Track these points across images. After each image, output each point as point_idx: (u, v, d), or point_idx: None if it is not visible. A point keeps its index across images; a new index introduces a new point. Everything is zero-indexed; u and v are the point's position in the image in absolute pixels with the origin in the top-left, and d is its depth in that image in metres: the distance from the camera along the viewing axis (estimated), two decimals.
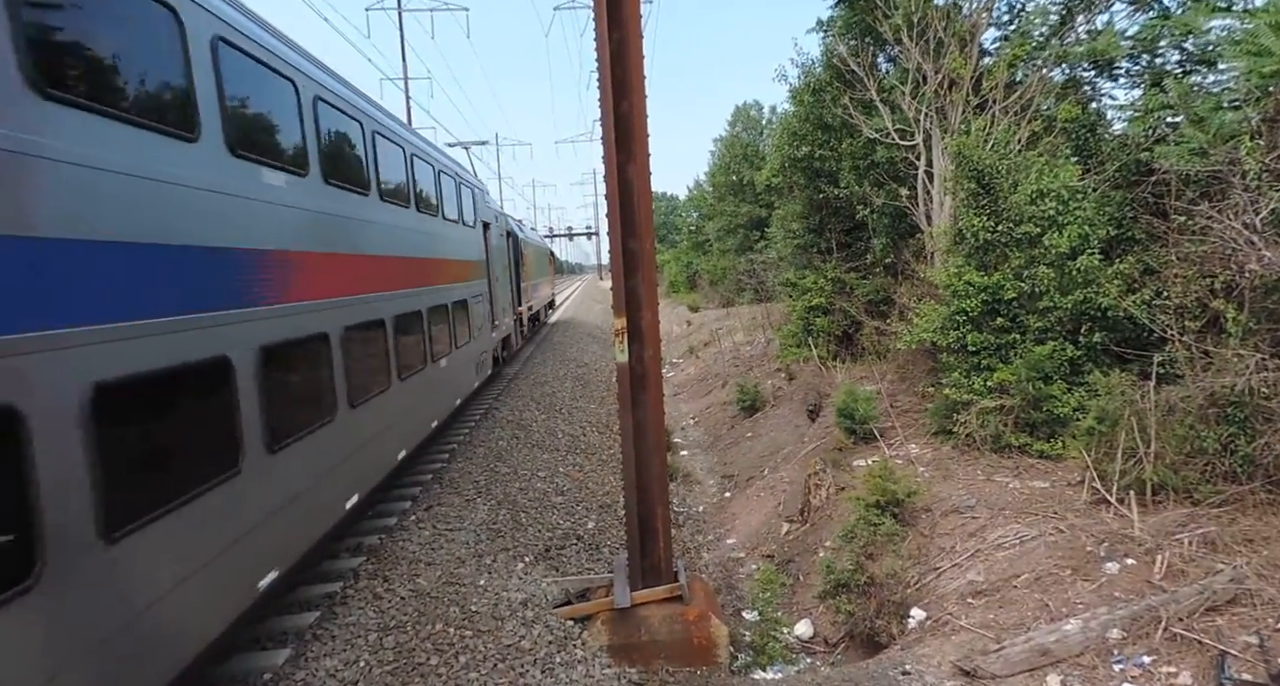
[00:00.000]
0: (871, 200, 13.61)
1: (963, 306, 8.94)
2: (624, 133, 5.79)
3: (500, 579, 6.40)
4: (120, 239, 3.40)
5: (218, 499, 4.01)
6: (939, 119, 11.76)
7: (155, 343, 3.55)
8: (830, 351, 15.13)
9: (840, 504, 8.82)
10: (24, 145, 2.90)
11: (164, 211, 3.75)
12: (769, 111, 35.50)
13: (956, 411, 8.94)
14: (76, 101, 3.19)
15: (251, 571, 4.41)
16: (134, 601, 3.34)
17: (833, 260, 15.49)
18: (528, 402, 13.29)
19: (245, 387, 4.37)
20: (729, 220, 33.12)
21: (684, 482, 12.35)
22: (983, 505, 7.50)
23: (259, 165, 4.76)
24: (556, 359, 19.11)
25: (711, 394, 18.33)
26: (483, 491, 8.64)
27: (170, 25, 3.94)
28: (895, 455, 9.55)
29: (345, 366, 5.93)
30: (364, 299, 6.52)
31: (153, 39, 3.85)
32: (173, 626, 3.62)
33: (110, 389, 3.21)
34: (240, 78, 4.65)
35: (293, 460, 4.94)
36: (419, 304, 8.30)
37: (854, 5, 13.57)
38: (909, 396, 11.29)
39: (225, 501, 4.08)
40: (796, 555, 8.59)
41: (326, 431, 5.54)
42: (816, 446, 11.20)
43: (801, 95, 15.27)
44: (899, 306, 12.32)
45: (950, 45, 11.24)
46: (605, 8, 5.62)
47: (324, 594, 5.92)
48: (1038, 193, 8.63)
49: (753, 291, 25.60)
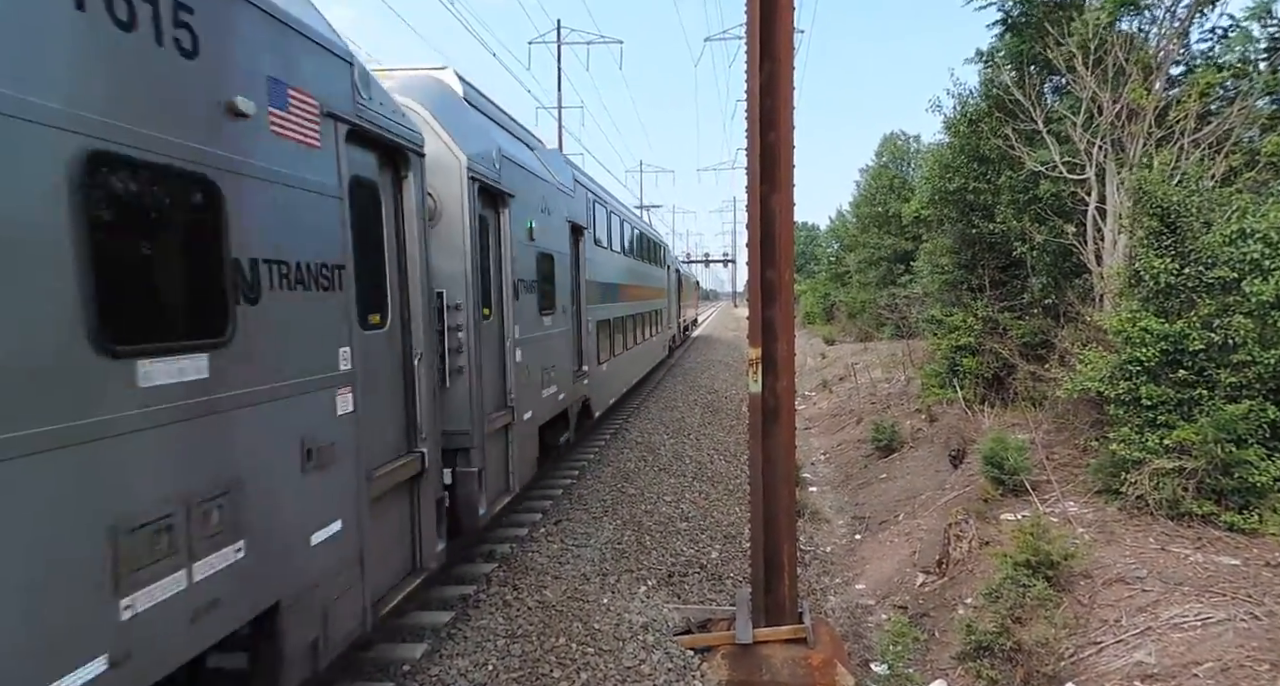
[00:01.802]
0: (1032, 236, 12.73)
1: (1137, 355, 8.12)
2: (769, 163, 5.80)
3: (623, 600, 6.47)
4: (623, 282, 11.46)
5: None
6: (1115, 152, 10.86)
7: (640, 306, 15.55)
8: (977, 394, 14.18)
9: (984, 559, 8.20)
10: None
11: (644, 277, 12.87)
12: (916, 142, 34.19)
13: (1125, 470, 8.09)
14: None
15: (639, 371, 16.07)
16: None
17: (984, 298, 14.59)
18: (657, 425, 13.43)
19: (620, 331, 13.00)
20: (872, 252, 32.05)
21: (812, 520, 11.96)
22: (1155, 577, 6.70)
23: (637, 257, 14.64)
24: (687, 385, 19.22)
25: (844, 430, 17.69)
26: (609, 510, 8.80)
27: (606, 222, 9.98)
28: (1049, 512, 8.77)
29: (633, 332, 14.70)
30: (639, 303, 15.68)
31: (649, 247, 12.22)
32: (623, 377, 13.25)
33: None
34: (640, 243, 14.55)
35: (631, 356, 14.87)
36: (647, 309, 17.37)
37: (1020, 33, 12.90)
38: (1067, 449, 10.37)
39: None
40: (932, 609, 8.06)
41: (627, 354, 14.35)
42: (958, 495, 10.50)
43: (957, 126, 14.63)
44: (1059, 351, 11.38)
45: (1132, 73, 10.39)
46: (758, 40, 5.69)
47: (459, 595, 6.25)
48: (1239, 233, 7.72)
49: (894, 327, 24.56)
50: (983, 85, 14.23)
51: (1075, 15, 11.32)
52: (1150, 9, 11.32)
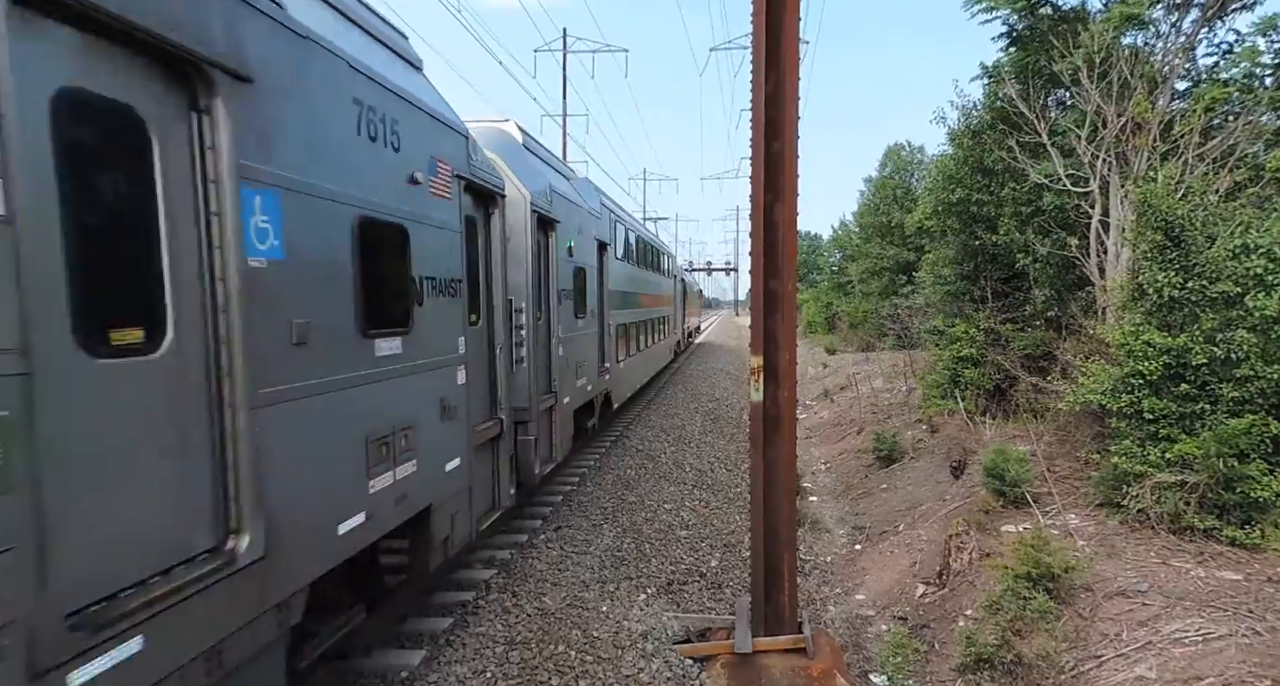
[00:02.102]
0: (1035, 248, 12.73)
1: (1139, 368, 8.11)
2: (773, 172, 5.82)
3: (622, 607, 6.46)
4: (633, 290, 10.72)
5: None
6: (1119, 165, 10.88)
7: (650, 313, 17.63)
8: (979, 405, 14.16)
9: (984, 570, 8.17)
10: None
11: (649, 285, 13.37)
12: (921, 153, 34.24)
13: (1127, 483, 8.07)
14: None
15: (649, 371, 18.02)
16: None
17: (986, 309, 14.59)
18: (658, 433, 13.41)
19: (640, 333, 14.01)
20: (874, 262, 32.04)
21: (812, 530, 11.92)
22: (1156, 591, 6.68)
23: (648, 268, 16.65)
24: (688, 393, 19.21)
25: (845, 440, 17.65)
26: (609, 518, 8.78)
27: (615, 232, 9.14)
28: (1050, 524, 8.74)
29: (645, 336, 16.03)
30: (650, 310, 17.22)
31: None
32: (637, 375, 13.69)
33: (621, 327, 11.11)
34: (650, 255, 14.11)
35: (644, 356, 16.63)
36: (657, 315, 18.95)
37: (1026, 46, 12.94)
38: (1069, 461, 10.34)
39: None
40: (932, 620, 8.02)
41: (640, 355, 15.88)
42: (959, 506, 10.47)
43: (961, 138, 14.66)
44: (1061, 363, 11.36)
45: (1137, 87, 10.42)
46: (764, 50, 5.71)
47: (458, 601, 6.24)
48: (1241, 248, 7.73)
49: (895, 337, 24.54)
50: (987, 97, 14.26)
51: (1081, 29, 11.36)
52: (1156, 24, 11.36)
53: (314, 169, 3.66)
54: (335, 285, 3.84)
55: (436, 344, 5.09)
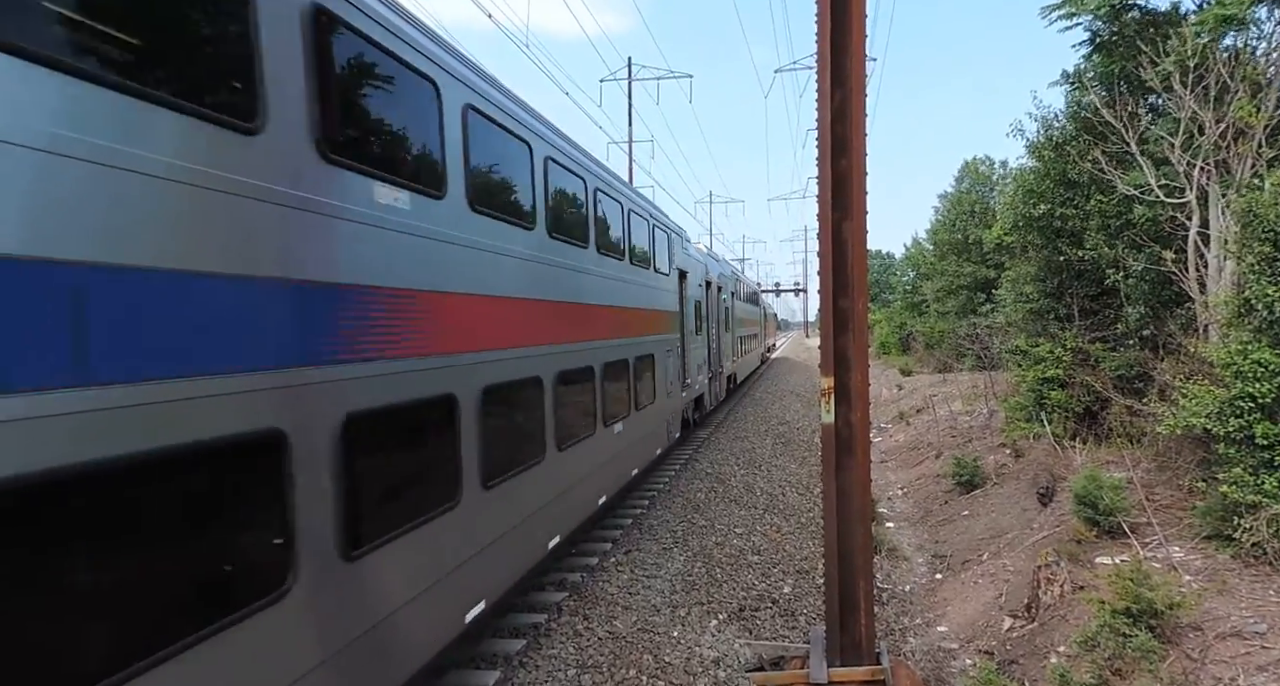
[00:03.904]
0: (1126, 263, 12.07)
1: (1249, 390, 7.54)
2: (841, 190, 5.74)
3: (693, 633, 6.37)
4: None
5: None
6: (1219, 173, 10.23)
7: (751, 329, 30.07)
8: (1067, 429, 13.40)
9: (1077, 604, 7.69)
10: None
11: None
12: (1000, 167, 33.08)
13: (1238, 514, 7.47)
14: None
15: (750, 365, 30.36)
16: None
17: (1073, 328, 13.87)
18: (727, 456, 13.28)
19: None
20: (951, 280, 31.00)
21: (889, 557, 11.50)
22: (1276, 633, 6.13)
23: (750, 303, 22.08)
24: (758, 416, 18.97)
25: (923, 464, 17.03)
26: (679, 542, 8.71)
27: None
28: (1151, 556, 8.17)
29: (746, 343, 27.96)
30: (751, 327, 30.32)
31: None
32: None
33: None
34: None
35: (749, 356, 29.48)
36: (753, 332, 31.79)
37: (1110, 52, 12.40)
38: (1170, 490, 9.66)
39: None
40: (1021, 656, 7.58)
41: (747, 355, 28.37)
42: (1047, 535, 9.91)
43: (1041, 150, 14.12)
44: (1159, 384, 10.67)
45: (1238, 91, 9.81)
46: (829, 67, 5.67)
47: (530, 623, 6.29)
48: None
49: (974, 357, 23.61)
50: (1069, 107, 13.71)
51: (1171, 32, 10.81)
52: (1257, 24, 10.71)
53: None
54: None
55: (671, 342, 11.84)
